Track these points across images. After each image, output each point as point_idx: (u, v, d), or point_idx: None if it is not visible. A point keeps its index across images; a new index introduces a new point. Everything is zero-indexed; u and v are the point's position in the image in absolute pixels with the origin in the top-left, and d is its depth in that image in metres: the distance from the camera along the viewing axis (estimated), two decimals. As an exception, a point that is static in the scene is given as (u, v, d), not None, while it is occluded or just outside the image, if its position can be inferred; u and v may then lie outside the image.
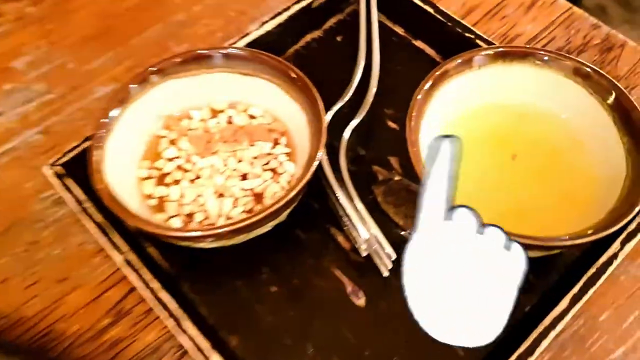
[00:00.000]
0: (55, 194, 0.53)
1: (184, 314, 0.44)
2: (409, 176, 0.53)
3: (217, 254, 0.49)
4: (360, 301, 0.48)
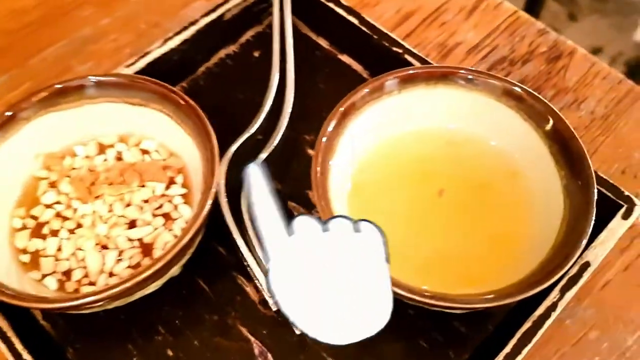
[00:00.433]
0: None
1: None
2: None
3: (106, 313, 0.43)
4: (269, 364, 0.42)
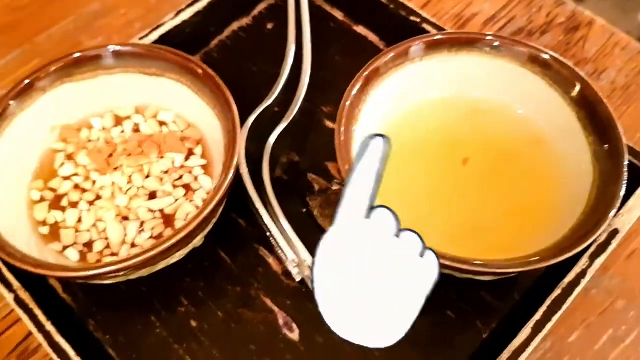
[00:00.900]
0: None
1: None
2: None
3: (128, 284, 0.43)
4: (294, 334, 0.41)
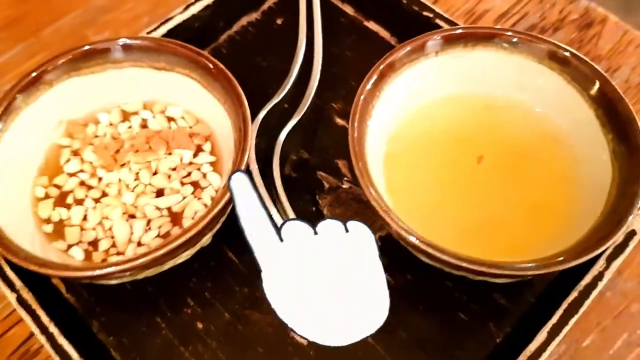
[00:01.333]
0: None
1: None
2: (359, 183, 0.45)
3: (133, 284, 0.42)
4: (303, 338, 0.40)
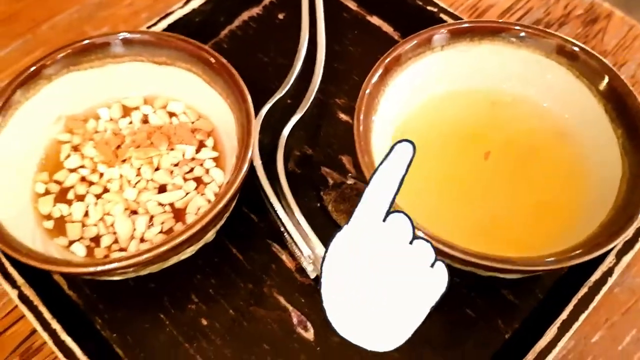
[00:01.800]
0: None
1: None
2: (363, 179, 0.44)
3: (136, 280, 0.42)
4: (309, 334, 0.40)
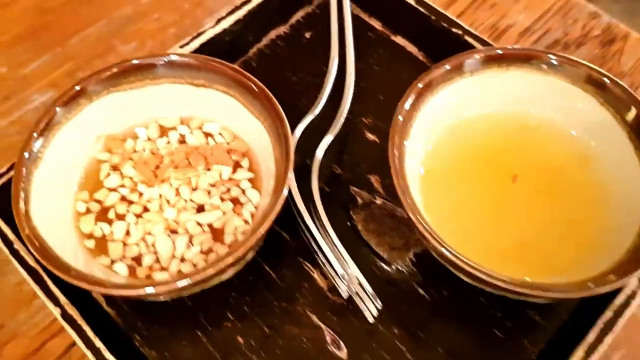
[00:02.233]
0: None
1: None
2: (392, 199, 0.46)
3: (173, 299, 0.42)
4: (342, 353, 0.41)
